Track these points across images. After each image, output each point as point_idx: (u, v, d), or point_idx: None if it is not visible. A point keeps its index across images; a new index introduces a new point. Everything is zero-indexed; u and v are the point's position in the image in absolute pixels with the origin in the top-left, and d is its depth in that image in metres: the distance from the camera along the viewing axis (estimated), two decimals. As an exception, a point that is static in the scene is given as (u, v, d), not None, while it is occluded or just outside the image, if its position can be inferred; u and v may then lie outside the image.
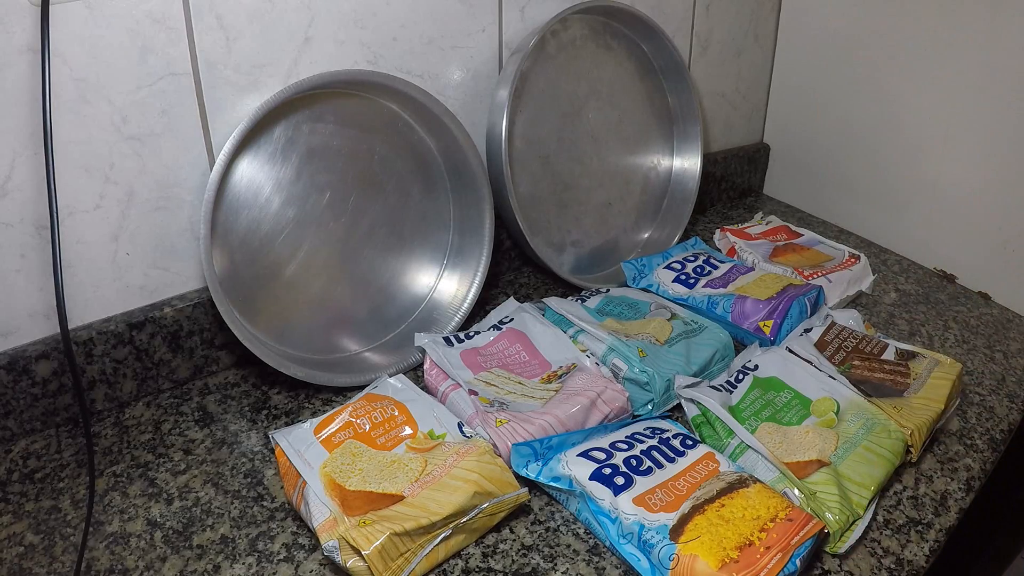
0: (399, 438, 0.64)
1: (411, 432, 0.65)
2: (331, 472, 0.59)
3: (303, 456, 0.61)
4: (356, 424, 0.65)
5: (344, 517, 0.55)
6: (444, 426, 0.65)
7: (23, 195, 0.63)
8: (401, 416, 0.66)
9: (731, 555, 0.52)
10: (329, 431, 0.64)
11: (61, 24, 0.60)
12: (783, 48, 1.14)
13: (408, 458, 0.62)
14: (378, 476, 0.60)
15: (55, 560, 0.56)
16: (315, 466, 0.60)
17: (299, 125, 0.73)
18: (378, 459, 0.61)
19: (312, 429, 0.64)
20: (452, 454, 0.61)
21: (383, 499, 0.57)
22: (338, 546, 0.54)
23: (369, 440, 0.63)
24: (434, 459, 0.61)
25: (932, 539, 0.60)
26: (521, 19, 0.86)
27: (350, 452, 0.62)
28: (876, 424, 0.65)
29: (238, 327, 0.69)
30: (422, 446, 0.63)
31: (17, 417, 0.67)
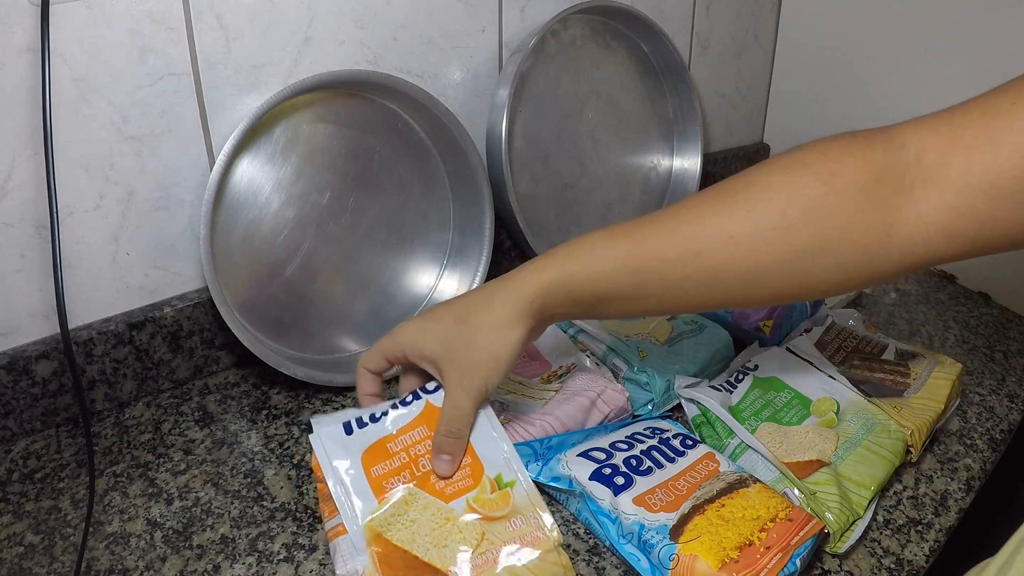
0: (460, 486, 0.53)
1: (472, 482, 0.53)
2: (377, 527, 0.51)
3: (348, 494, 0.52)
4: (415, 464, 0.54)
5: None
6: (514, 469, 0.54)
7: (23, 195, 0.63)
8: (468, 456, 0.55)
9: (731, 555, 0.52)
10: (383, 470, 0.53)
11: (61, 24, 0.60)
12: (783, 48, 1.14)
13: (466, 523, 0.51)
14: (427, 538, 0.51)
15: (55, 560, 0.56)
16: (360, 518, 0.51)
17: (299, 125, 0.73)
18: (432, 511, 0.52)
19: (362, 455, 0.53)
20: (515, 537, 0.51)
21: (425, 570, 0.49)
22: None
23: (426, 482, 0.53)
24: (493, 534, 0.51)
25: (932, 539, 0.60)
26: (521, 19, 0.86)
27: (403, 500, 0.52)
28: (876, 424, 0.65)
29: (238, 327, 0.69)
30: (485, 506, 0.52)
31: (17, 417, 0.67)
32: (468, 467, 0.55)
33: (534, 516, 0.52)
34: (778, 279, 0.48)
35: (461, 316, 0.53)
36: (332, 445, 0.54)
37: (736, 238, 0.48)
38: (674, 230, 0.50)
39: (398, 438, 0.55)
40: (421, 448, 0.55)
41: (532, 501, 0.53)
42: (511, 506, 0.52)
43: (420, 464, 0.54)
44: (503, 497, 0.53)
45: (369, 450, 0.54)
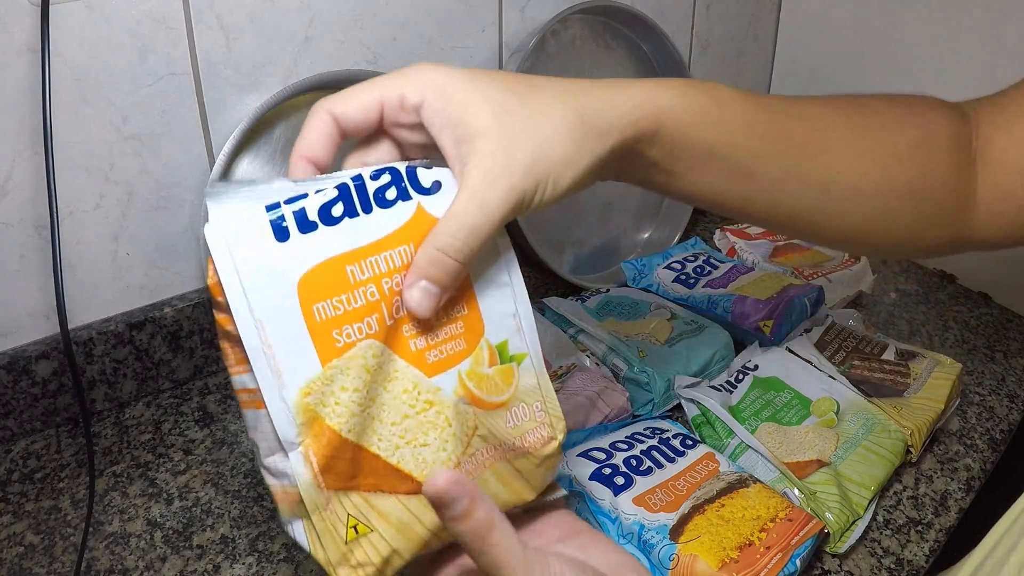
0: (449, 351, 0.37)
1: (466, 346, 0.37)
2: (316, 406, 0.34)
3: (270, 347, 0.33)
4: (387, 306, 0.35)
5: (322, 493, 0.34)
6: (525, 337, 0.39)
7: (23, 195, 0.63)
8: (463, 306, 0.37)
9: (731, 555, 0.52)
10: (334, 311, 0.34)
11: (61, 24, 0.60)
12: (783, 48, 1.14)
13: (454, 409, 0.36)
14: (396, 429, 0.35)
15: (55, 560, 0.56)
16: (290, 390, 0.33)
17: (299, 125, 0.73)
18: (406, 387, 0.36)
19: (300, 280, 0.34)
20: (516, 436, 0.38)
21: (392, 478, 0.35)
22: (306, 537, 0.35)
23: (400, 339, 0.35)
24: (488, 429, 0.37)
25: (932, 539, 0.60)
26: (521, 19, 0.86)
27: (363, 367, 0.34)
28: (876, 424, 0.65)
29: (238, 327, 0.69)
30: (480, 386, 0.37)
31: (17, 417, 0.67)
32: (462, 322, 0.37)
33: (541, 407, 0.39)
34: (873, 208, 0.45)
35: (531, 83, 0.38)
36: (248, 254, 0.33)
37: (858, 152, 0.44)
38: (804, 115, 0.45)
39: (366, 259, 0.34)
40: (402, 280, 0.35)
41: (541, 385, 0.39)
42: (514, 389, 0.38)
43: (395, 308, 0.35)
44: (505, 375, 0.38)
45: (313, 273, 0.34)
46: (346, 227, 0.34)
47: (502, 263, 0.38)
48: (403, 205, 0.36)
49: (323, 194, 0.34)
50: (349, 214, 0.35)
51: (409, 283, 0.35)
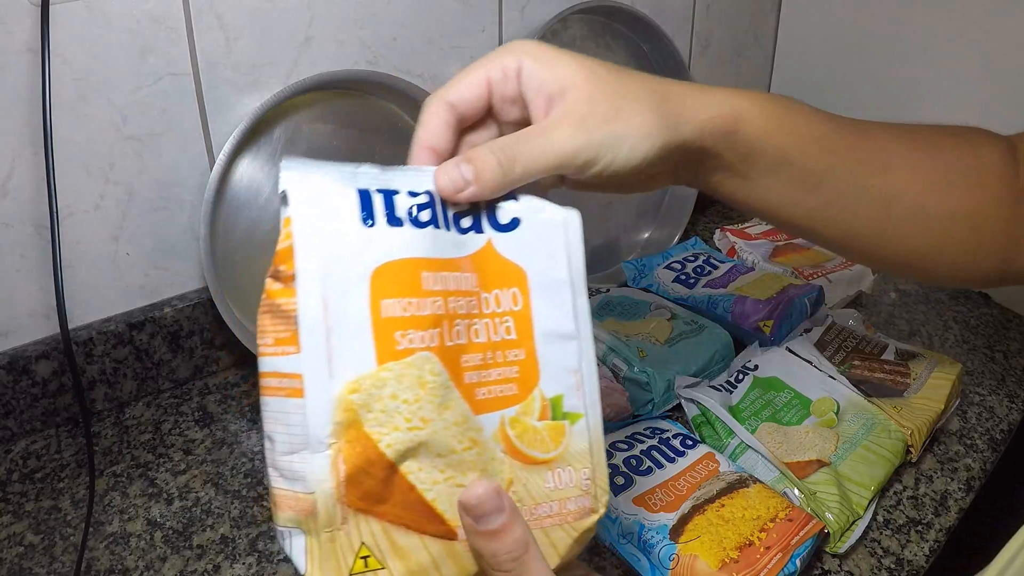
0: (500, 395, 0.34)
1: (518, 391, 0.34)
2: (360, 406, 0.31)
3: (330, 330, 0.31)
4: (449, 323, 0.33)
5: (340, 509, 0.31)
6: (585, 399, 0.36)
7: (23, 195, 0.63)
8: (521, 350, 0.35)
9: (731, 555, 0.52)
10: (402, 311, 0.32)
11: (61, 24, 0.60)
12: (783, 48, 1.14)
13: (490, 456, 0.33)
14: (442, 464, 0.32)
15: (55, 560, 0.56)
16: (338, 380, 0.31)
17: (299, 125, 0.73)
18: (452, 418, 0.33)
19: (374, 273, 0.32)
20: (553, 499, 0.35)
21: (422, 515, 0.32)
22: (304, 556, 0.31)
23: (456, 369, 0.33)
24: (524, 486, 0.34)
25: (932, 539, 0.60)
26: (521, 19, 0.86)
27: (416, 378, 0.32)
28: (876, 424, 0.65)
29: (238, 327, 0.69)
30: (524, 438, 0.34)
31: (17, 417, 0.67)
32: (518, 367, 0.34)
33: (589, 476, 0.35)
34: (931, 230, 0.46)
35: (616, 66, 0.39)
36: (332, 227, 0.32)
37: (917, 174, 0.45)
38: (868, 134, 0.46)
39: (440, 272, 0.33)
40: (464, 306, 0.33)
41: (593, 453, 0.36)
42: (562, 450, 0.35)
43: (455, 330, 0.33)
44: (555, 432, 0.35)
45: (389, 268, 0.32)
46: (429, 234, 0.34)
47: (571, 311, 0.36)
48: (475, 236, 0.35)
49: (415, 196, 0.34)
50: (435, 224, 0.34)
51: (453, 160, 0.35)
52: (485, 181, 0.34)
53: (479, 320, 0.34)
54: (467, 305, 0.34)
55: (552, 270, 0.37)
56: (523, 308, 0.35)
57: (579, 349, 0.36)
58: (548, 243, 0.37)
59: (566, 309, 0.36)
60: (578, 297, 0.37)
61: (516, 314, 0.35)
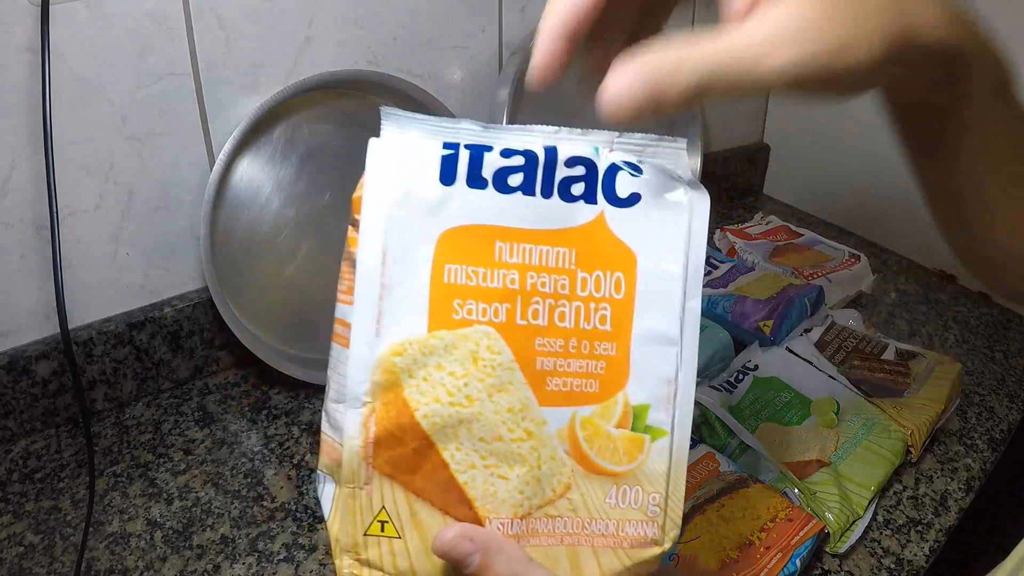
0: (578, 391, 0.31)
1: (599, 390, 0.31)
2: (402, 369, 0.30)
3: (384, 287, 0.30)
4: (524, 300, 0.31)
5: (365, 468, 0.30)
6: (674, 415, 0.32)
7: (23, 195, 0.63)
8: (612, 345, 0.31)
9: (731, 555, 0.52)
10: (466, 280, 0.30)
11: (61, 24, 0.60)
12: (783, 48, 1.14)
13: (550, 453, 0.31)
14: (483, 449, 0.30)
15: (55, 560, 0.56)
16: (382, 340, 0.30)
17: (299, 125, 0.73)
18: (507, 403, 0.30)
19: (442, 234, 0.30)
20: (613, 519, 0.31)
21: (450, 496, 0.30)
22: (330, 503, 0.31)
23: (526, 351, 0.31)
24: (584, 496, 0.31)
25: (932, 539, 0.60)
26: (521, 19, 0.86)
27: (470, 353, 0.30)
28: (876, 424, 0.65)
29: (238, 327, 0.69)
30: (594, 443, 0.31)
31: (17, 417, 0.67)
32: (605, 362, 0.31)
33: (659, 502, 0.32)
34: None
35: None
36: (404, 182, 0.30)
37: None
38: None
39: (521, 244, 0.31)
40: (549, 284, 0.31)
41: (671, 478, 0.32)
42: (636, 465, 0.31)
43: (531, 309, 0.30)
44: (632, 444, 0.31)
45: (460, 232, 0.30)
46: (516, 201, 0.31)
47: (679, 314, 0.32)
48: (585, 207, 0.32)
49: (508, 156, 0.31)
50: (525, 189, 0.31)
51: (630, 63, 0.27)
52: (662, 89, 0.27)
53: (569, 303, 0.31)
54: (554, 283, 0.31)
55: (667, 261, 0.32)
56: (625, 298, 0.31)
57: (679, 358, 0.32)
58: (668, 229, 0.32)
59: (674, 309, 0.32)
60: (690, 299, 0.32)
61: (616, 303, 0.31)
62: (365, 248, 0.30)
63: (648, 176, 0.32)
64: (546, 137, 0.33)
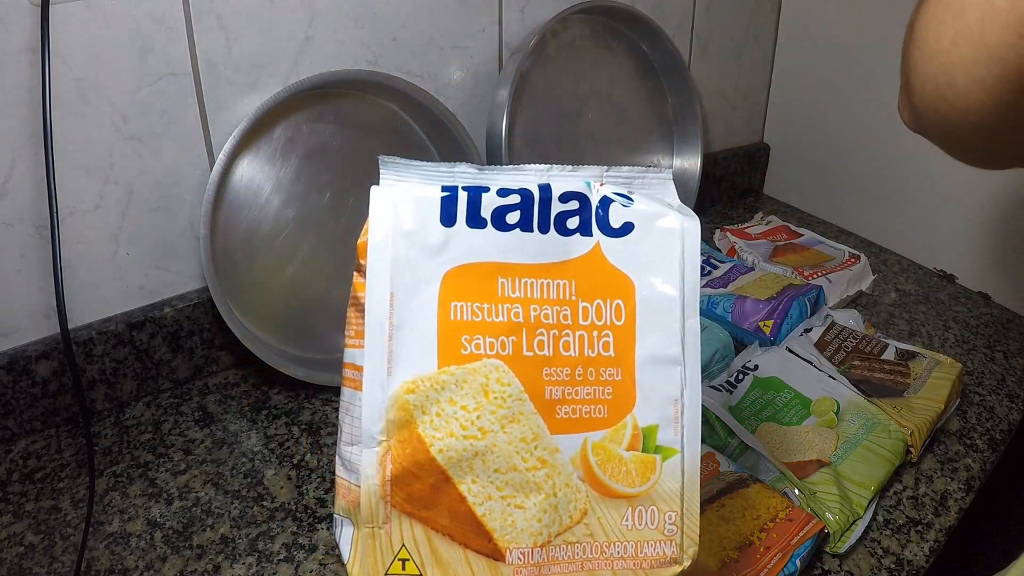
0: (587, 417, 0.32)
1: (608, 415, 0.32)
2: (416, 405, 0.30)
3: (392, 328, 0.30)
4: (528, 333, 0.31)
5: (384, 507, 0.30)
6: (683, 433, 0.33)
7: (23, 195, 0.63)
8: (617, 371, 0.32)
9: (731, 555, 0.52)
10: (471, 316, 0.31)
11: (61, 24, 0.60)
12: (783, 48, 1.14)
13: (565, 480, 0.31)
14: (495, 477, 0.30)
15: (55, 560, 0.56)
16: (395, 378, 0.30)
17: (299, 125, 0.73)
18: (520, 434, 0.31)
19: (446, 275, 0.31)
20: (630, 541, 0.32)
21: (469, 529, 0.30)
22: (349, 546, 0.31)
23: (535, 382, 0.31)
24: (600, 520, 0.32)
25: (932, 539, 0.60)
26: (521, 19, 0.86)
27: (480, 387, 0.30)
28: (876, 424, 0.65)
29: (238, 327, 0.69)
30: (606, 467, 0.32)
31: (17, 417, 0.67)
32: (612, 387, 0.32)
33: (675, 521, 0.32)
34: None
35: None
36: (408, 224, 0.31)
37: None
38: None
39: (522, 279, 0.31)
40: (552, 315, 0.31)
41: (685, 495, 0.33)
42: (649, 486, 0.32)
43: (536, 340, 0.31)
44: (643, 466, 0.32)
45: (464, 271, 0.31)
46: (515, 237, 0.32)
47: (679, 334, 0.32)
48: (581, 239, 0.33)
49: (505, 196, 0.32)
50: (523, 226, 0.32)
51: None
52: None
53: (573, 332, 0.32)
54: (557, 315, 0.32)
55: (663, 285, 0.33)
56: (626, 324, 0.33)
57: (683, 377, 0.33)
58: (662, 254, 0.34)
59: (674, 331, 0.33)
60: (688, 318, 0.33)
61: (618, 329, 0.33)
62: (372, 292, 0.32)
63: (639, 205, 0.34)
64: (539, 175, 0.33)
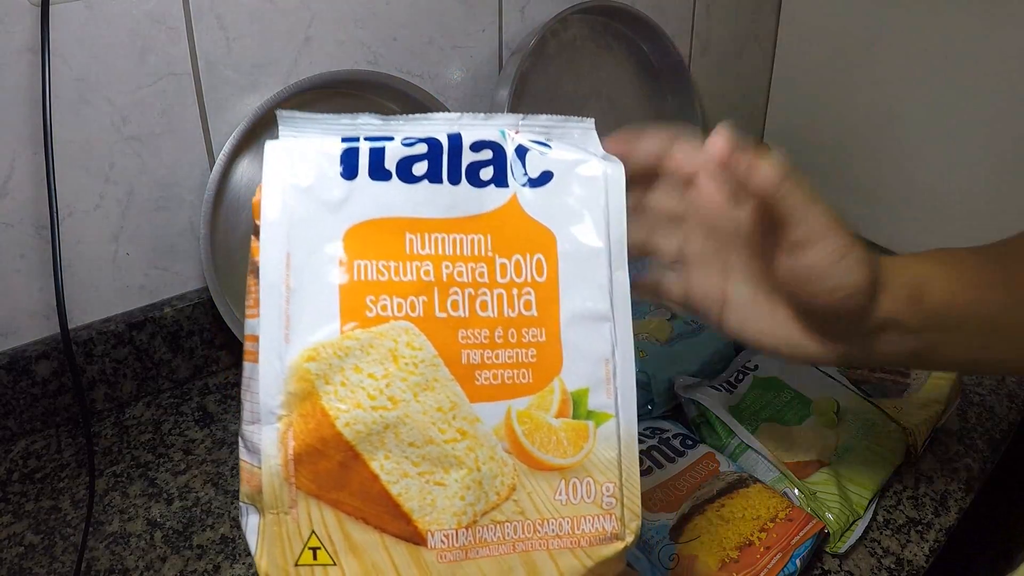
0: (510, 383, 0.29)
1: (533, 380, 0.29)
2: (316, 375, 0.27)
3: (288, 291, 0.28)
4: (441, 291, 0.29)
5: (288, 489, 0.27)
6: (617, 396, 0.31)
7: (23, 195, 0.63)
8: (540, 331, 0.30)
9: (731, 555, 0.52)
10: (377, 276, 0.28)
11: (61, 24, 0.60)
12: (783, 48, 1.14)
13: (488, 453, 0.29)
14: (415, 455, 0.28)
15: (55, 560, 0.56)
16: (292, 347, 0.27)
17: (299, 125, 0.73)
18: (435, 400, 0.28)
19: (348, 230, 0.28)
20: (565, 517, 0.29)
21: (384, 511, 0.28)
22: (256, 537, 0.28)
23: (450, 346, 0.29)
24: (529, 496, 0.29)
25: (932, 539, 0.60)
26: (521, 19, 0.86)
27: (389, 351, 0.28)
28: (876, 424, 0.65)
29: (238, 327, 0.69)
30: (534, 437, 0.29)
31: (17, 417, 0.67)
32: (535, 349, 0.29)
33: (614, 492, 0.30)
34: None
35: None
36: (304, 180, 0.28)
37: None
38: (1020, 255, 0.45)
39: (433, 234, 0.29)
40: (467, 273, 0.29)
41: (623, 464, 0.31)
42: (582, 456, 0.30)
43: (450, 300, 0.29)
44: (575, 433, 0.30)
45: (367, 227, 0.29)
46: (423, 190, 0.29)
47: (607, 288, 0.30)
48: (496, 191, 0.30)
49: (410, 146, 0.29)
50: (431, 178, 0.29)
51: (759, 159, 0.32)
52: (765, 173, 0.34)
53: (490, 291, 0.29)
54: (471, 272, 0.29)
55: (587, 236, 0.31)
56: (548, 279, 0.30)
57: (613, 334, 0.30)
58: (584, 203, 0.31)
59: (601, 284, 0.30)
60: (616, 270, 0.31)
61: (539, 286, 0.30)
62: (267, 253, 0.28)
63: (558, 153, 0.31)
64: (448, 124, 0.31)
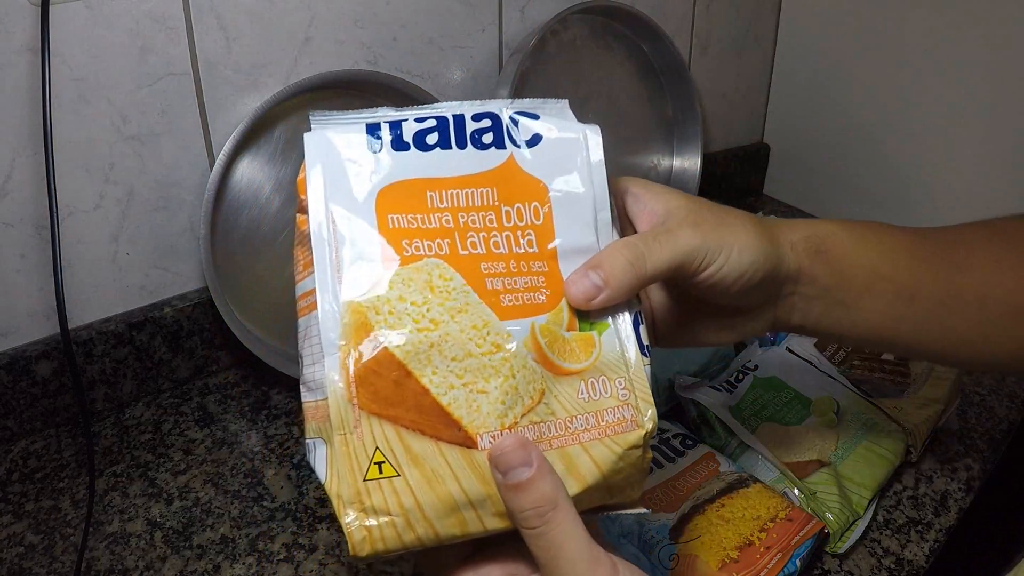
0: (530, 303, 0.34)
1: (546, 301, 0.35)
2: (368, 308, 0.32)
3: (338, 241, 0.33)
4: (461, 236, 0.35)
5: (352, 410, 0.31)
6: (618, 313, 0.37)
7: (23, 195, 0.63)
8: (544, 263, 0.36)
9: (731, 555, 0.52)
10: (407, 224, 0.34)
11: (61, 24, 0.60)
12: (783, 48, 1.14)
13: (521, 362, 0.33)
14: (452, 365, 0.32)
15: (55, 560, 0.56)
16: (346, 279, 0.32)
17: (299, 125, 0.73)
18: (470, 322, 0.33)
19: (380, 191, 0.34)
20: (589, 412, 0.34)
21: (437, 419, 0.32)
22: (325, 466, 0.32)
23: (476, 276, 0.34)
24: (557, 398, 0.34)
25: (932, 539, 0.60)
26: (521, 19, 0.86)
27: (426, 282, 0.33)
28: (876, 424, 0.65)
29: (238, 327, 0.69)
30: (554, 347, 0.34)
31: (17, 417, 0.67)
32: (544, 277, 0.35)
33: (625, 385, 0.36)
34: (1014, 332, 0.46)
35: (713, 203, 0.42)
36: (338, 154, 0.34)
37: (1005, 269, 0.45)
38: (949, 238, 0.46)
39: (448, 190, 0.35)
40: (479, 220, 0.35)
41: (627, 360, 0.36)
42: (593, 359, 0.35)
43: (469, 241, 0.34)
44: (584, 343, 0.35)
45: (394, 188, 0.34)
46: (436, 156, 0.36)
47: (592, 225, 0.37)
48: (496, 152, 0.37)
49: (421, 122, 0.36)
50: (442, 145, 0.36)
51: (581, 273, 0.35)
52: (618, 283, 0.35)
53: (500, 233, 0.35)
54: (483, 219, 0.35)
55: (572, 185, 0.38)
56: (544, 222, 0.36)
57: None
58: (570, 158, 0.38)
59: (587, 223, 0.37)
60: (600, 211, 0.38)
61: (537, 228, 0.36)
62: (315, 217, 0.33)
63: (544, 122, 0.38)
64: (452, 109, 0.37)
